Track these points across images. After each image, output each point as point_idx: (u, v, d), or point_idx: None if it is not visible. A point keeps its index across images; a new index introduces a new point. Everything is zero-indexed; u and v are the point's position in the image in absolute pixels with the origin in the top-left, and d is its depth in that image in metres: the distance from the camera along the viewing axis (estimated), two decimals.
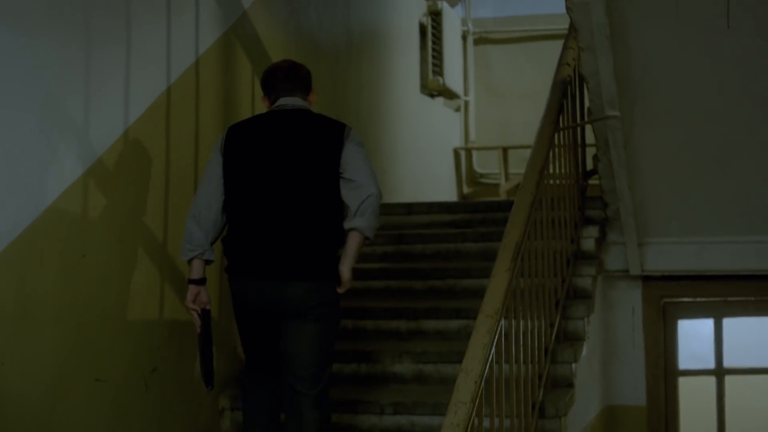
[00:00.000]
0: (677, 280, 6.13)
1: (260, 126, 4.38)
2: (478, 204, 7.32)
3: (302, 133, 4.31)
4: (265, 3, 5.84)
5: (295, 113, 4.38)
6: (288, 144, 4.28)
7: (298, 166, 4.24)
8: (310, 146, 4.27)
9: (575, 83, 5.79)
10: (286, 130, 4.32)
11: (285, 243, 4.20)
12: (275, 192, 4.23)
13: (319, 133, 4.31)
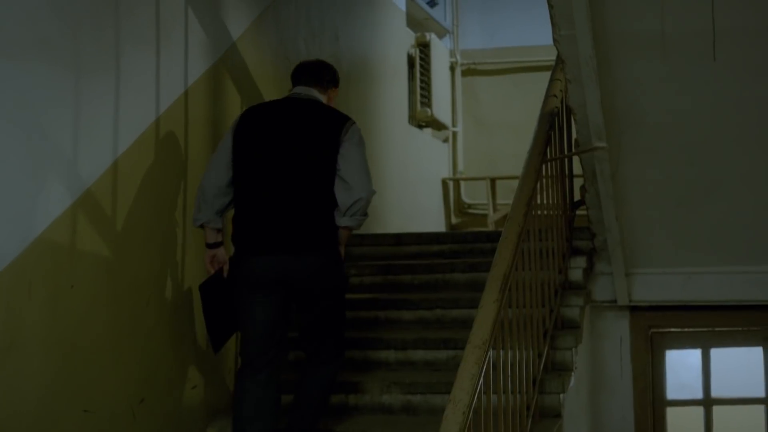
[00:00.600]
0: (665, 311, 6.14)
1: (271, 111, 4.82)
2: (466, 234, 7.33)
3: (307, 121, 4.73)
4: (254, 34, 5.87)
5: (304, 102, 4.82)
6: (293, 130, 4.70)
7: (300, 150, 4.63)
8: (313, 134, 4.68)
9: (563, 115, 5.82)
10: (294, 117, 4.75)
11: (289, 220, 4.59)
12: (278, 174, 4.62)
13: (322, 123, 4.72)
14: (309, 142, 4.65)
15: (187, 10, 5.07)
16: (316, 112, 4.77)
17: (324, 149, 4.62)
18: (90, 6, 4.27)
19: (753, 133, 5.11)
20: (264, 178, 4.64)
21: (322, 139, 4.65)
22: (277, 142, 4.67)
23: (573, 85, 4.86)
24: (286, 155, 4.64)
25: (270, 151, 4.66)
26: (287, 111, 4.78)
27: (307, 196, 4.61)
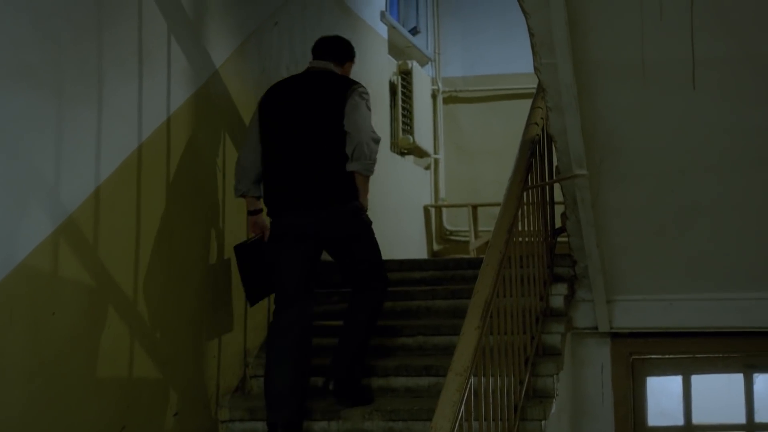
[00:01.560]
0: (645, 337, 6.16)
1: (290, 85, 5.46)
2: (447, 261, 7.34)
3: (321, 89, 5.32)
4: (237, 62, 5.88)
5: (319, 73, 5.43)
6: (309, 98, 5.30)
7: (315, 116, 5.23)
8: (325, 100, 5.25)
9: (543, 142, 5.85)
10: (309, 87, 5.36)
11: (308, 180, 5.17)
12: (297, 140, 5.22)
13: (333, 88, 5.29)
14: (322, 107, 5.23)
15: (169, 38, 5.09)
16: (329, 81, 5.36)
17: (334, 111, 5.19)
18: (73, 33, 4.28)
19: (733, 161, 5.14)
20: (285, 144, 5.24)
21: (332, 102, 5.22)
22: (295, 111, 5.27)
23: (554, 113, 4.89)
24: (302, 122, 5.23)
25: (289, 120, 5.27)
26: (304, 82, 5.41)
27: (322, 156, 5.19)
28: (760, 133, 4.92)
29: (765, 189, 5.26)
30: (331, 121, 5.18)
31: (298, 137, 5.22)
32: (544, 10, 4.29)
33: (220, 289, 5.58)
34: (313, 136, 5.20)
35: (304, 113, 5.25)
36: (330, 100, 5.23)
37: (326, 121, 5.19)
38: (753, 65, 4.60)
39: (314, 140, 5.19)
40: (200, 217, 5.38)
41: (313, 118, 5.22)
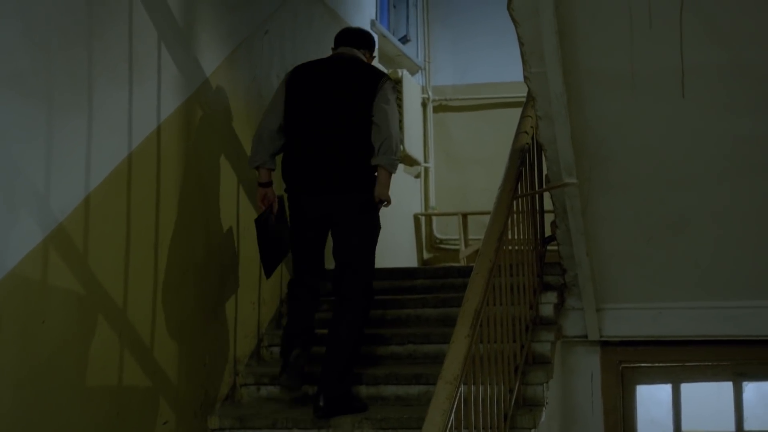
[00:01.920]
0: (635, 346, 6.17)
1: (319, 67, 5.66)
2: (438, 270, 7.35)
3: (350, 76, 5.55)
4: (227, 70, 5.89)
5: (347, 59, 5.67)
6: (338, 83, 5.52)
7: (343, 102, 5.44)
8: (354, 87, 5.48)
9: (533, 151, 5.86)
10: (338, 72, 5.59)
11: (331, 165, 5.39)
12: (323, 123, 5.43)
13: (362, 77, 5.52)
14: (350, 94, 5.46)
15: (160, 46, 5.09)
16: (358, 68, 5.60)
17: (363, 101, 5.41)
18: (63, 41, 4.28)
19: (722, 170, 5.15)
20: (311, 126, 5.45)
21: (361, 91, 5.44)
22: (324, 94, 5.48)
23: (544, 122, 4.90)
24: (330, 106, 5.44)
25: (317, 102, 5.47)
26: (333, 67, 5.64)
27: (347, 143, 5.40)
28: (749, 141, 4.94)
29: (754, 197, 5.27)
30: (360, 109, 5.40)
31: (326, 120, 5.44)
32: (533, 19, 4.30)
33: (209, 297, 5.58)
34: (342, 121, 5.42)
35: (334, 97, 5.46)
36: (361, 89, 5.46)
37: (355, 108, 5.41)
38: (742, 74, 4.62)
39: (342, 126, 5.42)
40: (190, 225, 5.38)
41: (342, 104, 5.44)
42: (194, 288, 5.40)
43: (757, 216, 5.38)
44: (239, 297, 5.93)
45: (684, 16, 4.34)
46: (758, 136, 4.90)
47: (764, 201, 5.28)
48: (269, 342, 6.19)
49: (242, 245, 5.98)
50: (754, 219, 5.40)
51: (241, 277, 5.97)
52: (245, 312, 6.00)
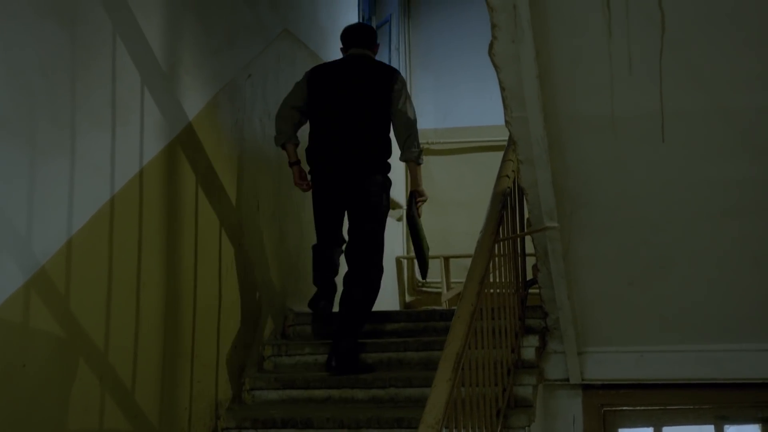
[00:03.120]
0: (617, 389, 6.17)
1: (338, 66, 6.46)
2: (420, 313, 7.34)
3: (366, 73, 6.36)
4: (210, 114, 5.90)
5: (360, 58, 6.45)
6: (356, 80, 6.32)
7: (361, 95, 6.24)
8: (370, 82, 6.29)
9: (515, 194, 5.88)
10: (354, 70, 6.38)
11: (351, 150, 6.19)
12: (345, 114, 6.23)
13: (377, 73, 6.35)
14: (366, 89, 6.26)
15: (143, 90, 5.10)
16: (372, 66, 6.42)
17: (377, 95, 6.21)
18: (47, 85, 4.29)
19: (702, 213, 5.18)
20: (333, 117, 6.25)
21: (376, 86, 6.24)
22: (343, 90, 6.28)
23: (525, 166, 4.92)
24: (349, 100, 6.24)
25: (337, 97, 6.27)
26: (351, 66, 6.41)
27: (365, 131, 6.21)
28: (730, 185, 4.96)
29: (735, 240, 5.30)
30: (376, 102, 6.21)
31: (345, 112, 6.24)
32: (514, 64, 4.32)
33: (191, 341, 5.57)
34: (359, 113, 6.22)
35: (352, 92, 6.27)
36: (375, 84, 6.26)
37: (371, 101, 6.22)
38: (722, 118, 4.65)
39: (360, 117, 6.21)
40: (172, 269, 5.37)
41: (360, 97, 6.24)
42: (176, 331, 5.39)
43: (738, 259, 5.40)
44: (221, 340, 5.92)
45: (663, 61, 4.38)
46: (738, 180, 4.93)
47: (744, 244, 5.30)
48: (251, 386, 6.17)
49: (224, 288, 5.98)
50: (735, 262, 5.42)
51: (223, 321, 5.96)
52: (227, 355, 5.98)
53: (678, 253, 5.42)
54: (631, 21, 4.25)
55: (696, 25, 4.27)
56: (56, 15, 4.40)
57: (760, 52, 4.35)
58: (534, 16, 4.16)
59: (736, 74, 4.46)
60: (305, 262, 7.35)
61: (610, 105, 4.59)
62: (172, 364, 5.35)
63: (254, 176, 6.57)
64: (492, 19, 4.19)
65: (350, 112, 6.23)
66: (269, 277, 6.75)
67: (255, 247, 6.51)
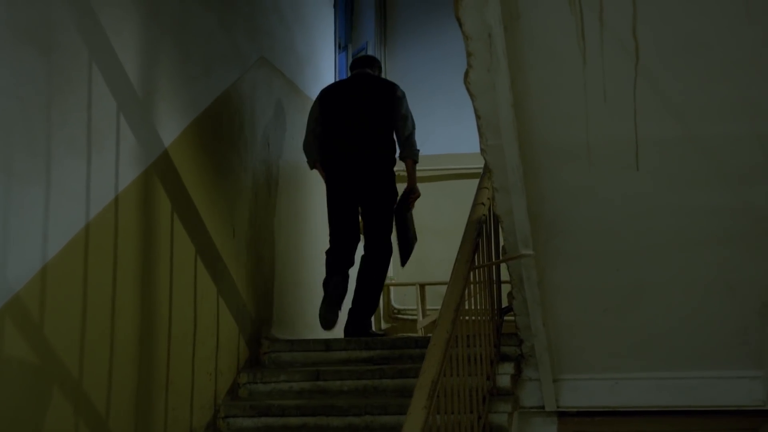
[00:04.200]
0: (592, 416, 6.16)
1: (345, 84, 7.60)
2: (395, 340, 7.33)
3: (369, 88, 7.40)
4: (186, 141, 5.90)
5: (365, 76, 7.52)
6: (361, 94, 7.34)
7: (367, 107, 7.25)
8: (374, 96, 7.31)
9: (490, 222, 5.89)
10: (361, 85, 7.43)
11: (360, 156, 7.16)
12: (353, 123, 7.20)
13: (379, 88, 7.40)
14: (372, 101, 7.27)
15: (119, 117, 5.11)
16: (374, 82, 7.47)
17: (381, 105, 7.24)
18: (21, 111, 4.29)
19: (677, 241, 5.20)
20: (344, 126, 7.21)
21: (379, 97, 7.28)
22: (351, 102, 7.29)
23: (500, 194, 4.94)
24: (357, 110, 7.23)
25: (347, 108, 7.27)
26: (356, 81, 7.47)
27: (371, 138, 7.17)
28: (704, 213, 4.99)
29: (709, 268, 5.32)
30: (380, 111, 7.22)
31: (355, 122, 7.20)
32: (490, 92, 4.35)
33: (166, 368, 5.55)
34: (367, 121, 7.18)
35: (359, 104, 7.25)
36: (378, 95, 7.28)
37: (376, 111, 7.21)
38: (695, 147, 4.68)
39: (367, 125, 7.18)
40: (147, 296, 5.36)
41: (366, 108, 7.22)
42: (151, 358, 5.37)
43: (712, 287, 5.42)
44: (196, 367, 5.90)
45: (637, 89, 4.41)
46: (712, 209, 4.96)
47: (718, 272, 5.33)
48: (226, 413, 6.15)
49: (200, 315, 5.97)
50: (709, 290, 5.44)
51: (198, 348, 5.95)
52: (202, 383, 5.97)
53: (652, 280, 5.44)
54: (606, 50, 4.29)
55: (669, 54, 4.31)
56: (32, 41, 4.41)
57: (733, 81, 4.39)
58: (509, 44, 4.19)
59: (709, 103, 4.49)
60: (281, 289, 7.36)
61: (585, 133, 4.62)
62: (147, 391, 5.33)
63: (230, 203, 6.57)
64: (467, 47, 4.22)
65: (359, 119, 7.18)
66: (244, 304, 6.74)
67: (230, 274, 6.51)
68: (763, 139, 4.59)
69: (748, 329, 5.58)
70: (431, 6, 11.25)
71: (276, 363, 6.89)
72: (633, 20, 4.19)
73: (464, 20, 4.14)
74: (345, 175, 7.22)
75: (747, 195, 4.88)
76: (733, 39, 4.23)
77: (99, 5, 4.99)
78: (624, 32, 4.22)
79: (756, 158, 4.68)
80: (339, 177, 7.25)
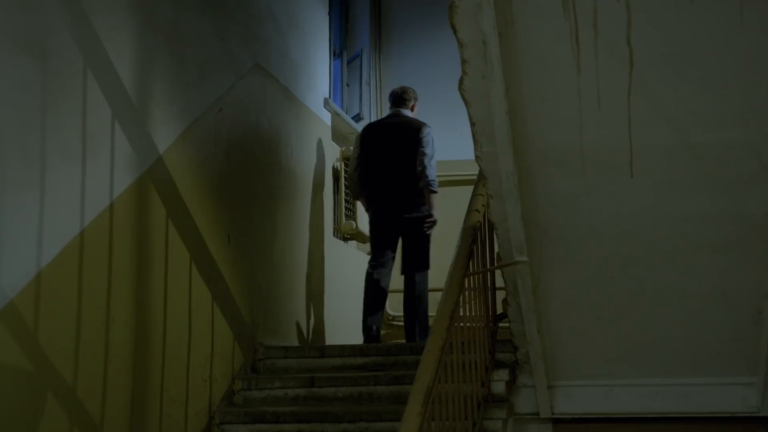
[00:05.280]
0: (587, 423, 6.17)
1: (382, 123, 8.30)
2: (390, 347, 7.33)
3: (402, 129, 8.03)
4: (181, 148, 5.91)
5: (399, 116, 8.19)
6: (395, 135, 8.02)
7: (400, 146, 7.91)
8: (405, 137, 7.94)
9: (485, 229, 5.90)
10: (395, 126, 8.10)
11: (396, 193, 7.89)
12: (388, 163, 7.94)
13: (410, 129, 7.99)
14: (403, 141, 7.91)
15: (113, 123, 5.11)
16: (406, 123, 8.08)
17: (412, 145, 7.85)
18: (16, 118, 4.29)
19: (670, 248, 5.21)
20: (380, 165, 7.99)
21: (410, 139, 7.89)
22: (388, 142, 8.00)
23: (495, 201, 4.94)
24: (392, 151, 7.94)
25: (384, 148, 8.00)
26: (390, 124, 8.16)
27: (405, 177, 7.83)
28: (697, 220, 5.00)
29: (703, 275, 5.33)
30: (411, 151, 7.83)
31: (389, 162, 7.93)
32: (484, 99, 4.36)
33: (161, 375, 5.55)
34: (400, 161, 7.86)
35: (394, 144, 7.95)
36: (410, 137, 7.89)
37: (408, 151, 7.85)
38: (689, 154, 4.69)
39: (401, 165, 7.85)
40: (141, 302, 5.36)
41: (399, 149, 7.89)
42: (145, 365, 5.37)
43: (706, 294, 5.43)
44: (191, 374, 5.90)
45: (632, 97, 4.43)
46: (705, 215, 4.97)
47: (712, 279, 5.34)
48: (221, 420, 6.14)
49: (194, 322, 5.96)
50: (703, 296, 5.45)
51: (193, 354, 5.94)
52: (197, 389, 5.96)
53: (647, 287, 5.44)
54: (600, 57, 4.30)
55: (663, 61, 4.33)
56: (27, 49, 4.41)
57: (727, 88, 4.40)
58: (504, 51, 4.20)
59: (703, 110, 4.51)
60: (275, 296, 7.35)
61: (579, 140, 4.63)
62: (142, 398, 5.32)
63: (225, 210, 6.57)
64: (462, 54, 4.23)
65: (394, 161, 7.90)
66: (239, 311, 6.73)
67: (225, 281, 6.50)
68: (756, 146, 4.60)
69: (742, 336, 5.59)
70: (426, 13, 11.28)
71: (271, 369, 6.89)
72: (627, 28, 4.20)
73: (459, 27, 4.15)
74: (384, 208, 7.98)
75: (741, 202, 4.90)
76: (727, 47, 4.24)
77: (94, 12, 4.99)
78: (618, 39, 4.23)
79: (750, 165, 4.69)
80: (379, 209, 8.03)
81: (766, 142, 4.57)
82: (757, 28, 4.14)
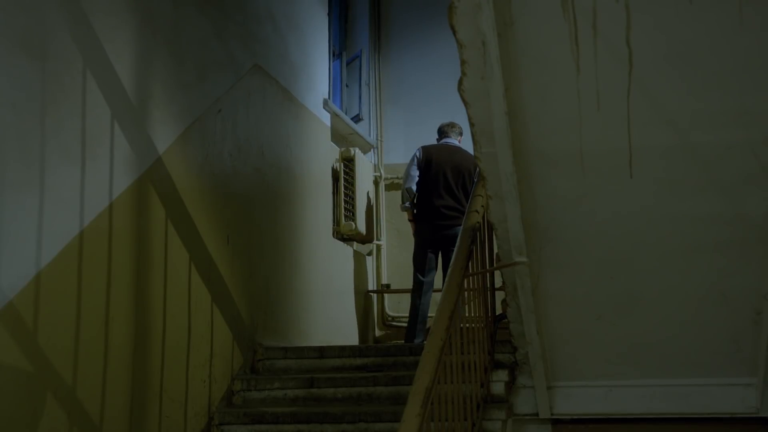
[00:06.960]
0: (586, 424, 6.17)
1: (439, 149, 8.89)
2: (389, 348, 7.34)
3: (456, 157, 8.75)
4: (180, 148, 5.91)
5: (451, 145, 8.93)
6: (449, 161, 8.70)
7: (453, 173, 8.64)
8: (459, 165, 8.67)
9: (484, 230, 5.90)
10: (449, 153, 8.79)
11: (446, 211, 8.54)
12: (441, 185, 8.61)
13: (464, 159, 8.70)
14: (456, 169, 8.66)
15: (113, 124, 5.11)
16: (459, 152, 8.83)
17: (463, 174, 8.65)
18: (16, 118, 4.29)
19: (669, 248, 5.21)
20: (435, 186, 8.64)
21: (461, 168, 8.65)
22: (441, 168, 8.66)
23: (494, 201, 4.94)
24: (445, 175, 8.63)
25: (438, 172, 8.66)
26: (447, 150, 8.84)
27: (454, 198, 8.58)
28: (697, 221, 5.00)
29: (702, 275, 5.32)
30: (462, 179, 8.63)
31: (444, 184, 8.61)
32: (484, 100, 4.36)
33: (160, 376, 5.55)
34: (452, 185, 8.60)
35: (447, 170, 8.65)
36: (461, 166, 8.65)
37: (459, 178, 8.63)
38: (688, 155, 4.69)
39: (453, 188, 8.60)
40: (141, 302, 5.36)
41: (452, 174, 8.63)
42: (145, 365, 5.37)
43: (706, 295, 5.43)
44: (190, 374, 5.90)
45: (631, 97, 4.42)
46: (705, 216, 4.97)
47: (712, 279, 5.33)
48: (220, 420, 6.15)
49: (194, 322, 5.96)
50: (702, 297, 5.45)
51: (192, 355, 5.94)
52: (196, 390, 5.96)
53: (646, 288, 5.44)
54: (600, 58, 4.30)
55: (663, 62, 4.32)
56: (26, 50, 4.41)
57: (727, 89, 4.40)
58: (503, 53, 4.20)
59: (702, 111, 4.50)
60: (275, 297, 7.35)
61: (578, 141, 4.63)
62: (141, 398, 5.32)
63: (224, 210, 6.57)
64: (461, 55, 4.23)
65: (447, 184, 8.62)
66: (238, 312, 6.74)
67: (224, 281, 6.51)
68: (756, 147, 4.60)
69: (741, 337, 5.59)
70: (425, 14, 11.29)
71: (270, 370, 6.89)
72: (627, 28, 4.20)
73: (458, 28, 4.15)
74: (432, 231, 8.63)
75: (740, 203, 4.89)
76: (727, 47, 4.24)
77: (93, 13, 4.99)
78: (618, 40, 4.22)
79: (749, 166, 4.69)
80: (427, 231, 8.68)
81: (765, 142, 4.57)
82: (757, 28, 4.13)
